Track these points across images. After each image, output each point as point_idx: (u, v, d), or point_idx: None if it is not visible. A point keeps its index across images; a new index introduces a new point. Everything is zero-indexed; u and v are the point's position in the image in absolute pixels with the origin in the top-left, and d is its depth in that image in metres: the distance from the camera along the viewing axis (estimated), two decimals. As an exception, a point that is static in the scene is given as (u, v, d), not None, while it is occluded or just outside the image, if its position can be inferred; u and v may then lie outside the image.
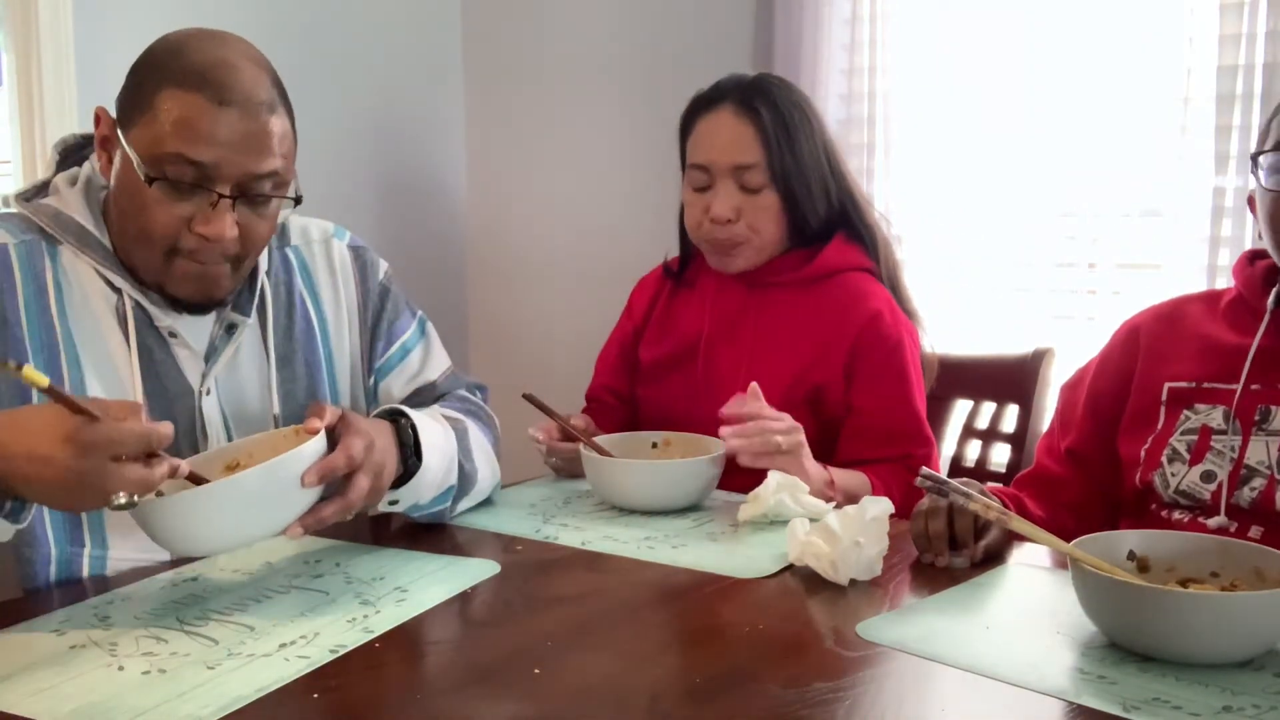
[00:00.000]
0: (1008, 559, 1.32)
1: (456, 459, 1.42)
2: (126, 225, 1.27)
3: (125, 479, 1.04)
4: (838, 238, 1.80)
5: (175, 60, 1.23)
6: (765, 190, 1.74)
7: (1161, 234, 2.19)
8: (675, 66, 2.68)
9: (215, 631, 1.10)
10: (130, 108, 1.25)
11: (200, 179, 1.22)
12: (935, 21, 2.39)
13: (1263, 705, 0.93)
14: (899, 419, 1.74)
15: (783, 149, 1.73)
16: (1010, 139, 2.33)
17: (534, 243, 3.05)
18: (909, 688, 1.01)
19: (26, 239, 1.29)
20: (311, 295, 1.47)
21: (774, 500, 1.46)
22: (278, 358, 1.41)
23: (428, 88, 3.04)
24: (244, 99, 1.23)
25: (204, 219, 1.23)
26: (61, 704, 0.94)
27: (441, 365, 1.59)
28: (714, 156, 1.75)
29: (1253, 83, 2.03)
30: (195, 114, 1.21)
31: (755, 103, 1.74)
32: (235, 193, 1.24)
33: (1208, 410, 1.40)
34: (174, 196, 1.23)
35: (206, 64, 1.23)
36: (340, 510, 1.20)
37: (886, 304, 1.77)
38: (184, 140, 1.21)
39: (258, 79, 1.25)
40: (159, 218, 1.24)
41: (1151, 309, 1.54)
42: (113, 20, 2.28)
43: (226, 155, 1.22)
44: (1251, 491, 1.35)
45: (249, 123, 1.23)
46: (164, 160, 1.22)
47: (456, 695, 0.99)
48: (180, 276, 1.28)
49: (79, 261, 1.29)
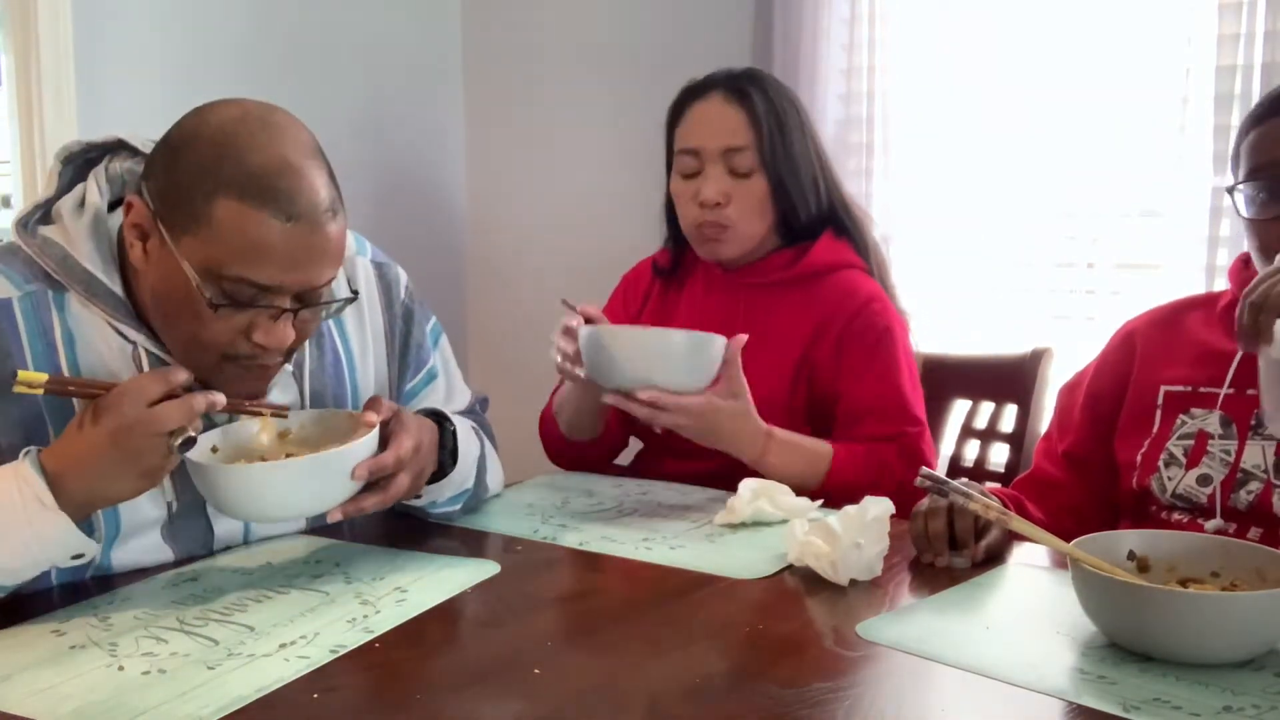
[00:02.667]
0: (1008, 559, 1.32)
1: (476, 466, 1.47)
2: (171, 328, 1.21)
3: (168, 415, 1.10)
4: (826, 235, 1.79)
5: (230, 162, 1.13)
6: (755, 175, 1.74)
7: (1160, 234, 2.19)
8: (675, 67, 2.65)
9: (215, 631, 1.10)
10: (177, 211, 1.14)
11: (260, 294, 1.16)
12: (935, 21, 2.40)
13: (1263, 705, 0.93)
14: (886, 399, 1.71)
15: (774, 135, 1.73)
16: (1010, 139, 2.33)
17: (533, 243, 3.05)
18: (908, 688, 1.01)
19: (31, 290, 1.21)
20: (339, 327, 1.42)
21: (750, 509, 1.45)
22: (311, 394, 1.38)
23: (428, 88, 3.04)
24: (309, 210, 1.14)
25: (265, 330, 1.17)
26: (61, 704, 0.94)
27: (463, 401, 1.58)
28: (704, 140, 1.74)
29: (1252, 83, 2.03)
30: (261, 234, 1.12)
31: (746, 88, 1.75)
32: (296, 305, 1.19)
33: (1204, 415, 1.40)
34: (233, 311, 1.16)
35: (269, 170, 1.13)
36: (379, 503, 1.26)
37: (877, 295, 1.77)
38: (248, 263, 1.13)
39: (319, 179, 1.17)
40: (216, 330, 1.17)
41: (1148, 313, 1.54)
42: (112, 21, 2.28)
43: (292, 275, 1.15)
44: (1248, 495, 1.35)
45: (314, 237, 1.15)
46: (224, 280, 1.14)
47: (456, 695, 0.99)
48: (233, 378, 1.22)
49: (88, 310, 1.22)
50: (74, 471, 1.11)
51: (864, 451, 1.67)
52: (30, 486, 1.09)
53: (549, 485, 1.71)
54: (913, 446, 1.69)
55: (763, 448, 1.61)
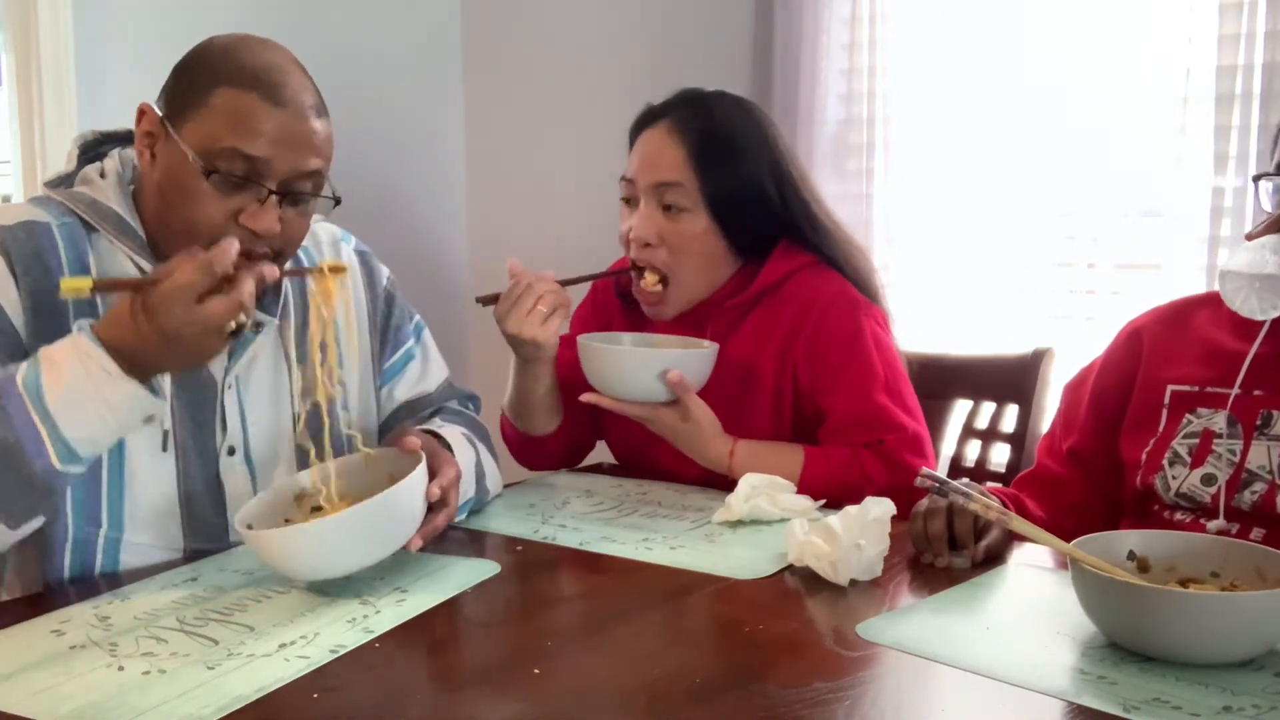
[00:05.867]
0: (1008, 559, 1.32)
1: (475, 474, 1.48)
2: (170, 218, 1.29)
3: (215, 311, 1.14)
4: (780, 247, 1.71)
5: (229, 61, 1.28)
6: (692, 213, 1.66)
7: (1161, 234, 2.19)
8: (676, 67, 2.68)
9: (215, 631, 1.10)
10: (181, 104, 1.28)
11: (250, 174, 1.26)
12: (935, 22, 2.39)
13: (1263, 705, 0.93)
14: (862, 411, 1.65)
15: (714, 171, 1.65)
16: (1010, 139, 2.33)
17: (534, 245, 3.05)
18: (909, 688, 1.01)
19: (67, 221, 1.30)
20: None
21: (748, 506, 1.45)
22: (296, 357, 1.43)
23: (428, 88, 3.04)
24: (295, 100, 1.28)
25: (252, 214, 1.27)
26: (61, 704, 0.94)
27: (439, 377, 1.61)
28: (637, 172, 1.69)
29: (1252, 83, 2.03)
30: (250, 111, 1.25)
31: (690, 121, 1.67)
32: (282, 190, 1.28)
33: (1210, 414, 1.40)
34: (224, 190, 1.26)
35: (260, 66, 1.28)
36: (447, 518, 1.34)
37: (839, 294, 1.69)
38: (239, 135, 1.25)
39: (305, 84, 1.31)
40: (208, 210, 1.26)
41: (1155, 310, 1.54)
42: (112, 21, 2.28)
43: (278, 152, 1.26)
44: (1252, 495, 1.34)
45: (299, 123, 1.28)
46: (218, 155, 1.25)
47: (456, 695, 0.99)
48: None
49: (115, 250, 1.31)
50: (129, 353, 1.15)
51: (841, 456, 1.63)
52: (94, 359, 1.14)
53: (549, 485, 1.71)
54: (893, 453, 1.62)
55: (727, 465, 1.62)
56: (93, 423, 1.16)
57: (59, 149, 2.12)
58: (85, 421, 1.15)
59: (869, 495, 1.29)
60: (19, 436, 1.13)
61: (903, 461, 1.61)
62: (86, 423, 1.15)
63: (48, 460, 1.15)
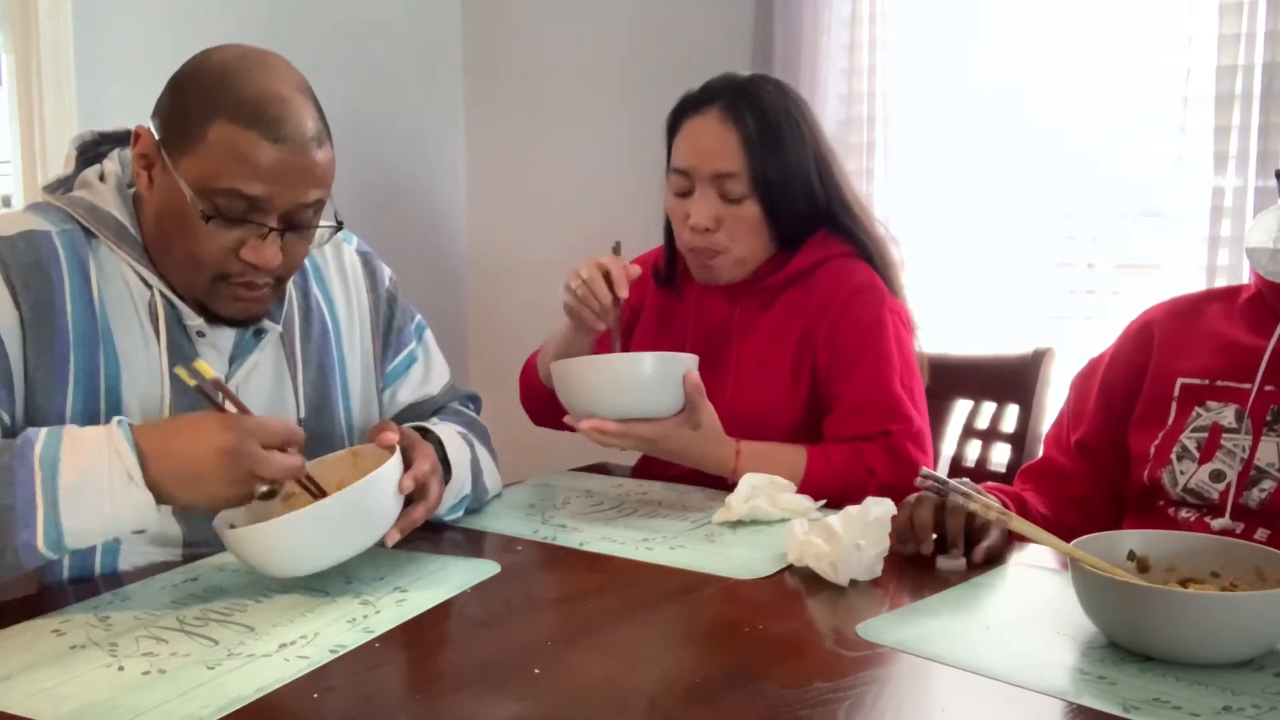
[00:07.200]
0: (1008, 559, 1.32)
1: (470, 470, 1.48)
2: (171, 246, 1.29)
3: (273, 463, 1.14)
4: (818, 234, 1.75)
5: (226, 90, 1.24)
6: (746, 201, 1.69)
7: (1160, 234, 2.19)
8: (675, 67, 2.67)
9: (215, 631, 1.10)
10: (178, 135, 1.25)
11: (250, 211, 1.25)
12: (935, 21, 2.40)
13: (1263, 705, 0.93)
14: (874, 396, 1.66)
15: (766, 159, 1.68)
16: (1010, 139, 2.33)
17: (534, 245, 3.05)
18: (909, 688, 1.01)
19: (67, 228, 1.30)
20: (326, 299, 1.48)
21: (748, 506, 1.45)
22: (302, 361, 1.43)
23: (427, 88, 3.04)
24: (295, 135, 1.25)
25: (253, 248, 1.26)
26: (61, 704, 0.94)
27: (442, 379, 1.61)
28: (695, 162, 1.70)
29: (1252, 83, 2.03)
30: (249, 150, 1.22)
31: (742, 109, 1.69)
32: (283, 224, 1.27)
33: (1220, 408, 1.39)
34: (224, 227, 1.25)
35: (259, 97, 1.24)
36: (426, 511, 1.31)
37: (867, 284, 1.72)
38: (237, 176, 1.23)
39: (306, 111, 1.27)
40: (209, 247, 1.26)
41: (1167, 303, 1.53)
42: (111, 21, 2.28)
43: (278, 190, 1.24)
44: (1261, 493, 1.34)
45: (299, 158, 1.25)
46: (216, 194, 1.23)
47: (456, 695, 0.99)
48: (226, 299, 1.31)
49: (114, 256, 1.31)
50: (164, 462, 1.13)
51: (843, 454, 1.63)
52: (122, 460, 1.12)
53: (549, 485, 1.71)
54: (898, 446, 1.63)
55: (731, 468, 1.61)
56: (91, 517, 1.12)
57: (59, 149, 2.11)
58: (85, 513, 1.11)
59: (871, 490, 1.29)
60: (15, 504, 1.09)
61: (907, 455, 1.62)
62: (86, 515, 1.11)
63: (33, 535, 1.10)
